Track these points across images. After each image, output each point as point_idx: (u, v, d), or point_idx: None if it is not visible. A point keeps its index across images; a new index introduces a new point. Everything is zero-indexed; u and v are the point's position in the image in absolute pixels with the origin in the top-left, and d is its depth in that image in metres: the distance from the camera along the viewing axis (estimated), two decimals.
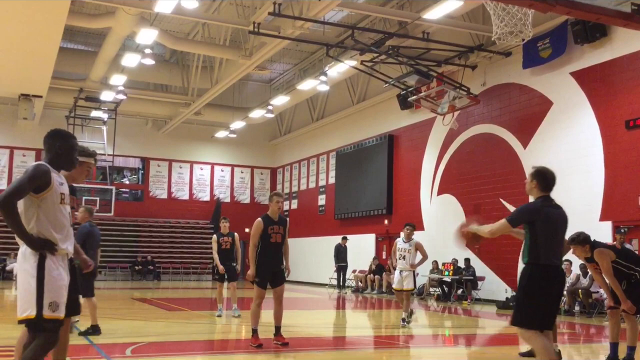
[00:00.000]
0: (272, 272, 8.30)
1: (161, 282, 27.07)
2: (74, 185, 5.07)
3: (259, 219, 8.35)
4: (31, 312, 4.08)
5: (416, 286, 11.50)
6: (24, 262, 4.16)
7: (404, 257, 11.26)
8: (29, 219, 4.16)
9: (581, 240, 7.00)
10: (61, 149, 4.46)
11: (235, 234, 12.39)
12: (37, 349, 4.15)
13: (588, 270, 13.98)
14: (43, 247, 4.15)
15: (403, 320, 11.13)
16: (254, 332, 8.21)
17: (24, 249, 4.17)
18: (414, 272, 11.31)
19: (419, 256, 11.31)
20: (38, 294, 4.10)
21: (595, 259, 6.92)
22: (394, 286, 11.70)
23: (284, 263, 8.46)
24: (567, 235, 7.56)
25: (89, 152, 5.24)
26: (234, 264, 12.36)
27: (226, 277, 12.32)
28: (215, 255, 12.28)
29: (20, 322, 4.15)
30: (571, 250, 7.35)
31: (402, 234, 11.46)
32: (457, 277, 17.80)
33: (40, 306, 4.09)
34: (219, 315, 12.07)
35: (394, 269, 11.52)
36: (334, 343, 9.93)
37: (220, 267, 12.19)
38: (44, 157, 4.47)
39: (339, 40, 18.79)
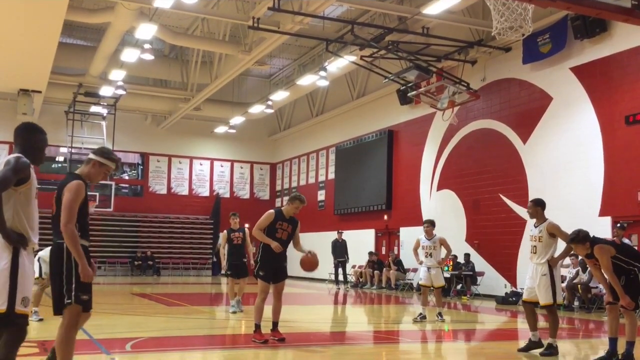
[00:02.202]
0: (275, 267, 8.28)
1: (161, 277, 27.12)
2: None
3: (272, 210, 8.35)
4: (1, 307, 3.99)
5: (445, 282, 11.68)
6: None
7: (430, 255, 11.37)
8: (5, 212, 4.10)
9: (581, 238, 6.99)
10: (38, 142, 4.44)
11: (246, 229, 12.18)
12: (12, 345, 4.07)
13: (587, 265, 14.02)
14: (18, 242, 4.10)
15: (439, 314, 11.38)
16: (258, 327, 8.20)
17: None
18: (441, 268, 11.49)
19: (443, 251, 11.48)
20: (11, 288, 4.02)
21: (595, 254, 6.92)
22: (421, 282, 11.76)
23: (302, 251, 8.47)
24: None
25: (114, 157, 5.18)
26: (245, 260, 12.21)
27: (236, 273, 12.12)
28: (223, 251, 12.11)
29: None
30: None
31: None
32: (457, 273, 17.81)
33: (12, 301, 4.02)
34: (234, 312, 11.87)
35: (421, 264, 11.61)
36: (332, 338, 9.93)
37: (224, 264, 12.09)
38: (16, 150, 4.38)
39: (338, 35, 18.75)
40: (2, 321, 4.01)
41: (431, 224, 11.54)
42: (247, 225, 12.36)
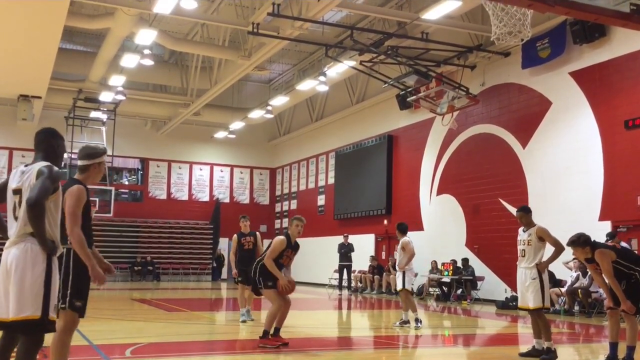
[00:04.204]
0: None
1: (160, 282, 27.08)
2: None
3: (283, 237, 8.39)
4: (34, 313, 3.99)
5: (405, 285, 11.22)
6: (29, 261, 4.06)
7: (397, 258, 11.40)
8: None
9: (582, 242, 7.01)
10: (60, 148, 4.49)
11: (258, 233, 11.62)
12: (32, 350, 4.10)
13: (587, 270, 14.00)
14: (52, 249, 4.15)
15: (416, 320, 10.97)
16: (268, 334, 8.21)
17: (25, 247, 4.08)
18: (403, 272, 11.19)
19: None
20: (45, 295, 4.05)
21: (596, 259, 6.92)
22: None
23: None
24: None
25: (101, 150, 5.13)
26: None
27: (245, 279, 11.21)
28: (232, 257, 11.49)
29: (13, 323, 4.01)
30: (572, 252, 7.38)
31: None
32: (457, 277, 17.79)
33: (46, 308, 4.04)
34: (244, 321, 11.19)
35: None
36: (333, 343, 9.92)
37: (234, 271, 11.42)
38: (38, 155, 4.39)
39: (338, 40, 18.79)
40: (36, 327, 4.03)
41: (397, 226, 11.39)
42: (258, 233, 11.88)
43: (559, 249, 7.79)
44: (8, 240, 4.20)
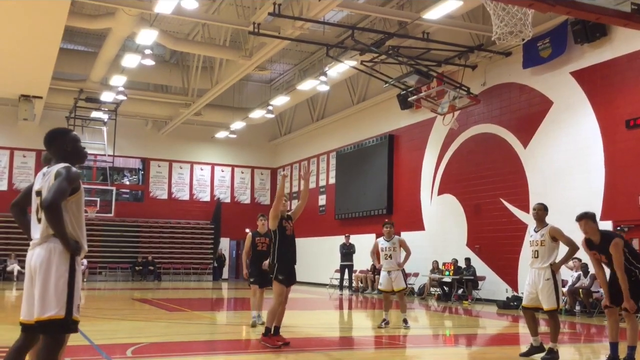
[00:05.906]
0: (291, 270, 8.39)
1: (162, 282, 27.09)
2: None
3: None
4: (59, 313, 4.03)
5: (407, 284, 11.15)
6: (54, 261, 4.10)
7: (390, 257, 11.08)
8: None
9: (590, 215, 7.09)
10: (70, 145, 4.46)
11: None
12: (54, 350, 4.12)
13: (589, 269, 14.00)
14: (76, 249, 4.18)
15: (384, 320, 11.02)
16: (269, 330, 8.22)
17: (49, 247, 4.13)
18: (403, 270, 11.18)
19: (403, 253, 11.17)
20: (69, 295, 4.08)
21: (610, 251, 6.90)
22: (381, 288, 11.34)
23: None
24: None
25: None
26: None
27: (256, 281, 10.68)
28: (244, 257, 11.00)
29: (38, 322, 4.03)
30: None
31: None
32: (458, 277, 17.79)
33: (70, 307, 4.08)
34: (254, 325, 10.48)
35: (378, 270, 11.36)
36: (334, 343, 9.92)
37: (245, 272, 10.93)
38: (54, 158, 4.42)
39: (338, 40, 18.78)
40: (60, 327, 4.07)
41: (392, 225, 11.35)
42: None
43: (573, 249, 7.63)
44: (32, 242, 4.25)
